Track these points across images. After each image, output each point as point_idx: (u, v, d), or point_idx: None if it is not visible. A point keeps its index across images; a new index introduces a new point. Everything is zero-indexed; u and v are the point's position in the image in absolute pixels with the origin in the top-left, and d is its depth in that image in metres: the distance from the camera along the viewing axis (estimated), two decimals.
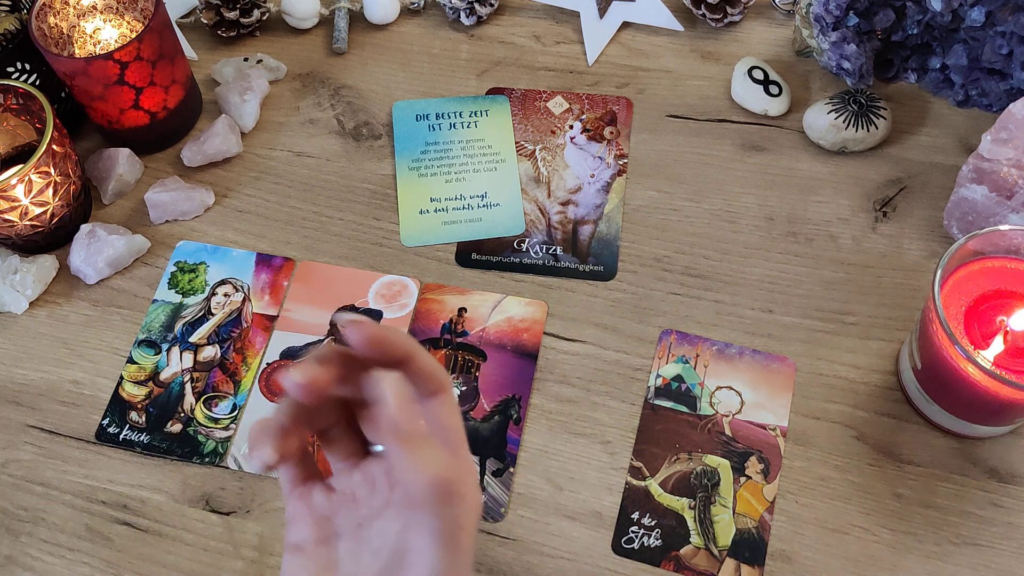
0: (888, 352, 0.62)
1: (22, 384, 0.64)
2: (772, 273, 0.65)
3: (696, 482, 0.57)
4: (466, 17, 0.79)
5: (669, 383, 0.61)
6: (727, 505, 0.57)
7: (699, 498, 0.57)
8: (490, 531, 0.57)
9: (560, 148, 0.72)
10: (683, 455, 0.58)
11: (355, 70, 0.78)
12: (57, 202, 0.65)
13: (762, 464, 0.58)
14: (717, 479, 0.57)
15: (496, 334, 0.64)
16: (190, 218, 0.70)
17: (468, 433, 0.59)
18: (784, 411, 0.59)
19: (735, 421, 0.59)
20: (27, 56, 0.69)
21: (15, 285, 0.66)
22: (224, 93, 0.74)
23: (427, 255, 0.68)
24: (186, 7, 0.81)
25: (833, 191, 0.69)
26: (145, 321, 0.66)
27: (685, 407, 0.60)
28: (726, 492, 0.57)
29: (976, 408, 0.54)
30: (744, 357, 0.61)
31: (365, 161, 0.73)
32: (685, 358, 0.62)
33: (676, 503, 0.57)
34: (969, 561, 0.54)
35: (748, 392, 0.60)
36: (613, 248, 0.67)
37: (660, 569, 0.55)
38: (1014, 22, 0.62)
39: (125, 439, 0.61)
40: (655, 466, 0.58)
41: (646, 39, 0.78)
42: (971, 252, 0.54)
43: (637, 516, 0.57)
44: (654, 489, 0.57)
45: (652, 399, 0.60)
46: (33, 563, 0.57)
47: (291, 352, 0.64)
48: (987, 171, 0.60)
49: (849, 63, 0.67)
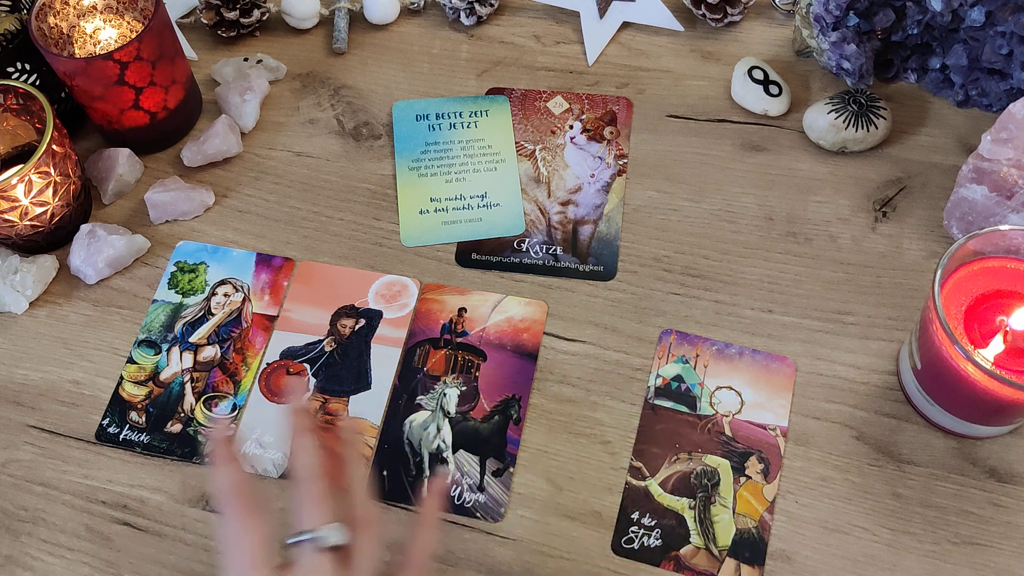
0: (888, 352, 0.62)
1: (22, 384, 0.64)
2: (772, 273, 0.65)
3: (696, 482, 0.57)
4: (466, 17, 0.79)
5: (669, 383, 0.61)
6: (727, 505, 0.57)
7: (699, 498, 0.57)
8: (490, 531, 0.57)
9: (560, 148, 0.72)
10: (683, 455, 0.58)
11: (355, 70, 0.78)
12: (57, 202, 0.65)
13: (762, 464, 0.58)
14: (717, 479, 0.57)
15: (496, 334, 0.64)
16: (190, 218, 0.70)
17: (468, 433, 0.60)
18: (784, 411, 0.59)
19: (735, 421, 0.59)
20: (27, 56, 0.69)
21: (15, 285, 0.66)
22: (224, 93, 0.74)
23: (427, 255, 0.68)
24: (186, 7, 0.81)
25: (833, 191, 0.69)
26: (145, 321, 0.66)
27: (685, 407, 0.60)
28: (726, 492, 0.57)
29: (976, 408, 0.54)
30: (744, 357, 0.61)
31: (365, 161, 0.73)
32: (685, 358, 0.62)
33: (676, 503, 0.57)
34: (968, 560, 0.54)
35: (748, 392, 0.60)
36: (613, 248, 0.67)
37: (660, 569, 0.55)
38: (1014, 22, 0.62)
39: (125, 439, 0.61)
40: (655, 466, 0.58)
41: (646, 39, 0.78)
42: (971, 252, 0.54)
43: (637, 516, 0.57)
44: (654, 489, 0.57)
45: (652, 399, 0.60)
46: (33, 563, 0.57)
47: (291, 352, 0.64)
48: (987, 171, 0.60)
49: (849, 63, 0.67)
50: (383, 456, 0.59)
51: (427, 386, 0.62)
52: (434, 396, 0.61)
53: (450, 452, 0.59)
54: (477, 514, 0.57)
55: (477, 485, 0.58)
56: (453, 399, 0.61)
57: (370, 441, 0.60)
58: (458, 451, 0.59)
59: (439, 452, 0.59)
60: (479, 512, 0.57)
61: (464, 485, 0.58)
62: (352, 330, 0.64)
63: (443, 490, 0.54)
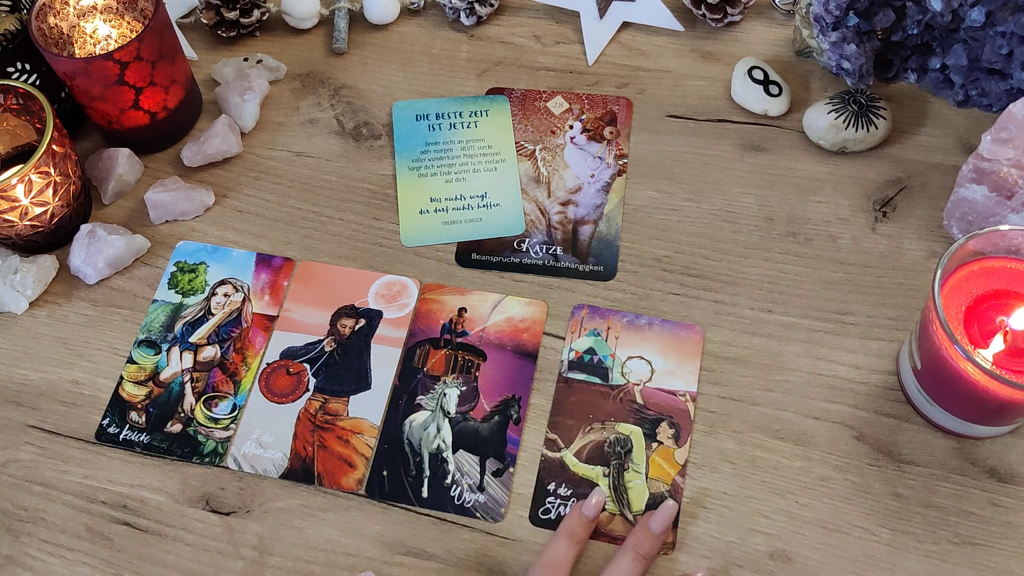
0: (888, 352, 0.62)
1: (22, 384, 0.64)
2: (772, 273, 0.65)
3: (610, 450, 0.59)
4: (466, 17, 0.79)
5: (582, 356, 0.62)
6: (640, 471, 0.58)
7: (613, 466, 0.58)
8: (490, 531, 0.57)
9: (560, 148, 0.72)
10: (597, 425, 0.60)
11: (355, 70, 0.78)
12: (57, 202, 0.65)
13: (673, 429, 0.59)
14: (630, 446, 0.59)
15: (496, 334, 0.64)
16: (190, 218, 0.70)
17: (468, 433, 0.60)
18: (693, 377, 0.61)
19: (646, 389, 0.61)
20: (27, 56, 0.69)
21: (15, 285, 0.66)
22: (224, 93, 0.74)
23: (427, 255, 0.68)
24: (186, 7, 0.81)
25: (833, 191, 0.69)
26: (145, 321, 0.66)
27: (598, 378, 0.61)
28: (639, 458, 0.58)
29: (976, 408, 0.54)
30: (654, 327, 0.63)
31: (365, 161, 0.73)
32: (597, 331, 0.63)
33: (591, 472, 0.58)
34: (968, 560, 0.54)
35: (658, 360, 0.62)
36: (613, 248, 0.67)
37: None
38: (1014, 22, 0.62)
39: (125, 439, 0.61)
40: (570, 437, 0.59)
41: (646, 39, 0.78)
42: (971, 252, 0.54)
43: (553, 487, 0.58)
44: (569, 460, 0.59)
45: (566, 372, 0.61)
46: (33, 563, 0.57)
47: (291, 352, 0.64)
48: (987, 171, 0.60)
49: (849, 63, 0.67)
50: (383, 456, 0.59)
51: (427, 386, 0.62)
52: (434, 396, 0.61)
53: (450, 452, 0.59)
54: (477, 514, 0.57)
55: (477, 485, 0.58)
56: (453, 399, 0.61)
57: (370, 441, 0.60)
58: (458, 451, 0.59)
59: (439, 452, 0.59)
60: (479, 512, 0.57)
61: (464, 485, 0.58)
62: (352, 330, 0.64)
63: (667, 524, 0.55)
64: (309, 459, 0.59)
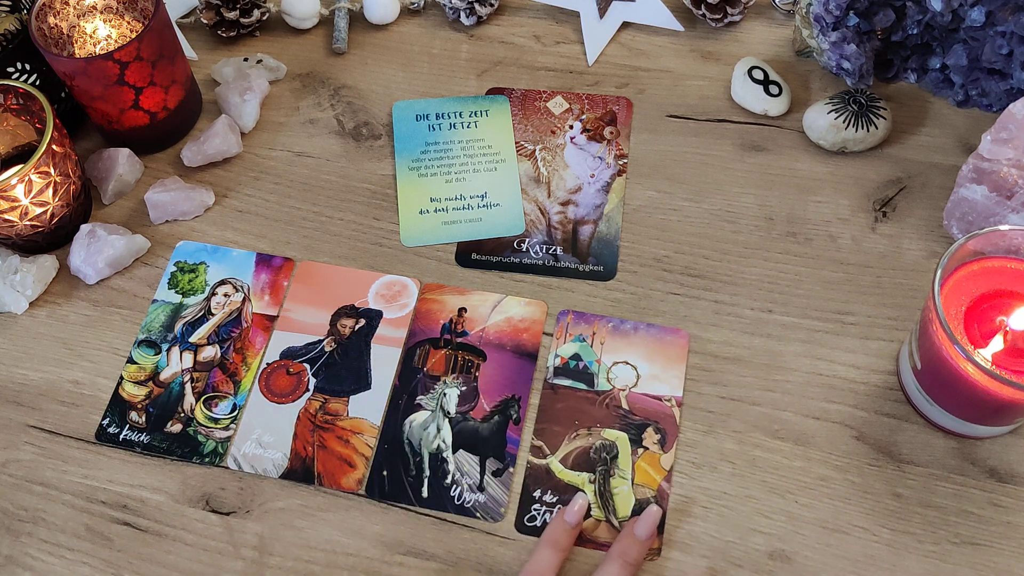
0: (888, 352, 0.62)
1: (22, 384, 0.64)
2: (772, 273, 0.65)
3: (595, 456, 0.59)
4: (466, 17, 0.79)
5: (567, 362, 0.62)
6: (626, 477, 0.58)
7: (599, 472, 0.58)
8: (490, 531, 0.57)
9: (560, 148, 0.72)
10: (583, 431, 0.60)
11: (355, 70, 0.78)
12: (57, 202, 0.66)
13: (659, 435, 0.59)
14: (615, 452, 0.59)
15: (496, 334, 0.64)
16: (190, 218, 0.70)
17: (468, 433, 0.60)
18: (678, 381, 0.61)
19: (632, 394, 0.61)
20: (27, 56, 0.69)
21: (15, 285, 0.66)
22: (224, 93, 0.74)
23: (427, 255, 0.68)
24: (186, 7, 0.81)
25: (833, 191, 0.69)
26: (145, 321, 0.66)
27: (583, 384, 0.61)
28: (624, 464, 0.58)
29: (976, 408, 0.54)
30: (639, 332, 0.63)
31: (365, 161, 0.73)
32: (582, 336, 0.63)
33: (576, 479, 0.58)
34: (968, 560, 0.54)
35: (643, 365, 0.62)
36: (613, 248, 0.67)
37: None
38: (1014, 22, 0.62)
39: (125, 439, 0.61)
40: (555, 444, 0.59)
41: (646, 39, 0.78)
42: (971, 252, 0.54)
43: (539, 494, 0.58)
44: (555, 466, 0.59)
45: (551, 379, 0.61)
46: (33, 563, 0.57)
47: (291, 352, 0.64)
48: (987, 171, 0.60)
49: (849, 63, 0.67)
50: (383, 456, 0.59)
51: (427, 386, 0.62)
52: (434, 396, 0.61)
53: (450, 452, 0.59)
54: (477, 514, 0.57)
55: (477, 485, 0.58)
56: (453, 399, 0.61)
57: (370, 441, 0.60)
58: (458, 451, 0.59)
59: (439, 452, 0.59)
60: (479, 512, 0.57)
61: (464, 485, 0.58)
62: (352, 330, 0.64)
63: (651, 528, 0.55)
64: (309, 459, 0.59)
